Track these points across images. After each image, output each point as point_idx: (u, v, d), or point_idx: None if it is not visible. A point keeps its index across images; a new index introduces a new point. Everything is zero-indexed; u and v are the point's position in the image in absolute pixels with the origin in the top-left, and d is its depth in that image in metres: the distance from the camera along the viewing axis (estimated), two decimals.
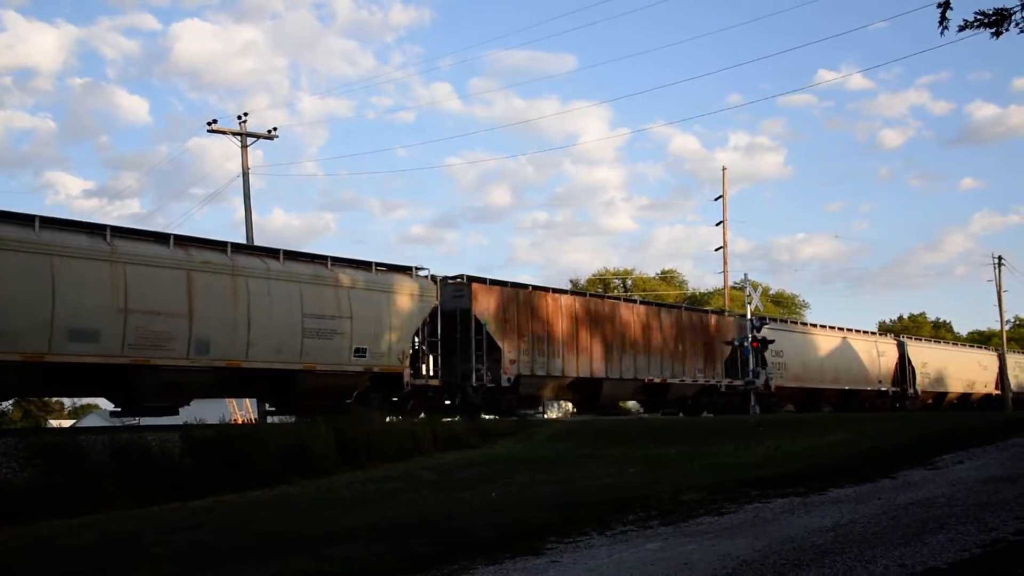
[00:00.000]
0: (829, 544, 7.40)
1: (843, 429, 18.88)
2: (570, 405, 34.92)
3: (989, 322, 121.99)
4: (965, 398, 49.75)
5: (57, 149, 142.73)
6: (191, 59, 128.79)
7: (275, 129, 35.00)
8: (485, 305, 25.25)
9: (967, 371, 50.44)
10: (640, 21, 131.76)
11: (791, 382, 36.87)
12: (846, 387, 40.27)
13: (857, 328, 43.58)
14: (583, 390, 29.00)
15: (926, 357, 46.80)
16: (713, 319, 35.14)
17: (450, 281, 25.61)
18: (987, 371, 52.67)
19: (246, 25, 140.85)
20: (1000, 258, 61.69)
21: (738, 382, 33.63)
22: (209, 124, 33.33)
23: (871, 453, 14.60)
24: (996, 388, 52.81)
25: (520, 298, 26.62)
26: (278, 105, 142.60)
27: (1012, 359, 55.86)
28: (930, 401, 46.23)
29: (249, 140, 34.37)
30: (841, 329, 42.57)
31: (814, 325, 41.87)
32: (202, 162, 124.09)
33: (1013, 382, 54.63)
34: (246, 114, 34.30)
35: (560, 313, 27.64)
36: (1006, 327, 63.88)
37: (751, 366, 32.21)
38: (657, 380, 30.96)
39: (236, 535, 10.83)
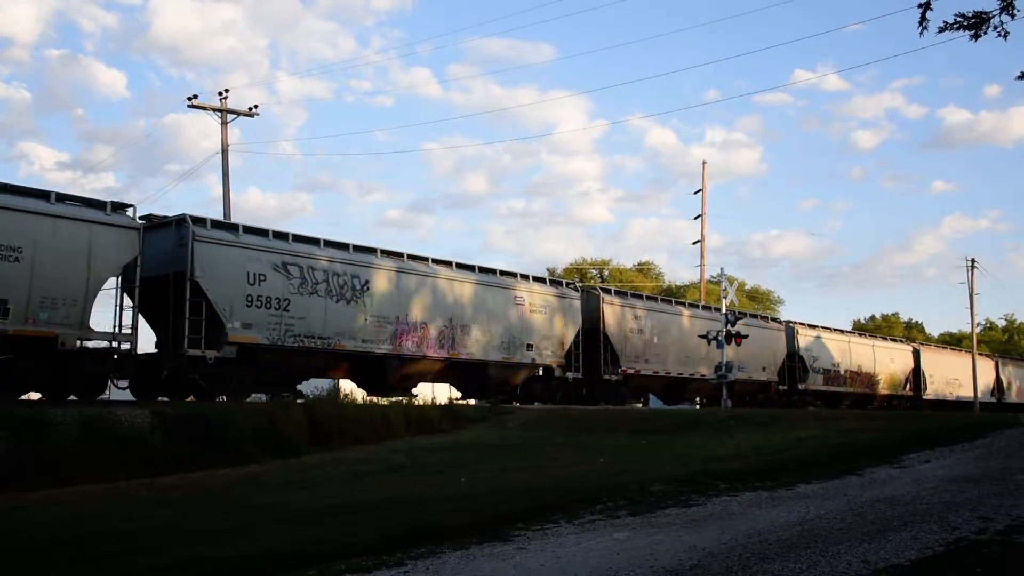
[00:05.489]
0: (795, 539, 7.47)
1: (813, 425, 19.03)
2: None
3: (960, 324, 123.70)
4: (867, 400, 42.93)
5: (32, 120, 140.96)
6: (170, 35, 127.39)
7: (256, 107, 34.84)
8: (207, 255, 20.09)
9: (875, 367, 44.22)
10: (618, 14, 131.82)
11: (655, 368, 32.45)
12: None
13: (740, 311, 36.40)
14: (363, 369, 24.09)
15: (822, 348, 40.81)
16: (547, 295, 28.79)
17: (164, 222, 20.52)
18: (898, 368, 46.22)
19: (226, 3, 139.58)
20: (973, 261, 62.28)
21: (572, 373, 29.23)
22: (189, 99, 33.12)
23: (839, 450, 14.73)
24: (909, 388, 46.75)
25: (265, 249, 21.38)
26: (256, 84, 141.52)
27: (928, 353, 49.97)
28: (819, 403, 38.54)
29: (229, 117, 34.14)
30: (719, 311, 37.19)
31: (692, 304, 37.32)
32: (178, 139, 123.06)
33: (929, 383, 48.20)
34: (227, 90, 34.11)
35: (332, 271, 22.63)
36: (977, 329, 64.51)
37: (722, 359, 32.23)
38: (471, 359, 26.02)
39: (204, 513, 10.79)
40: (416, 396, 24.38)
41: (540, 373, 28.72)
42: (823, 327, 42.67)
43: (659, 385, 33.71)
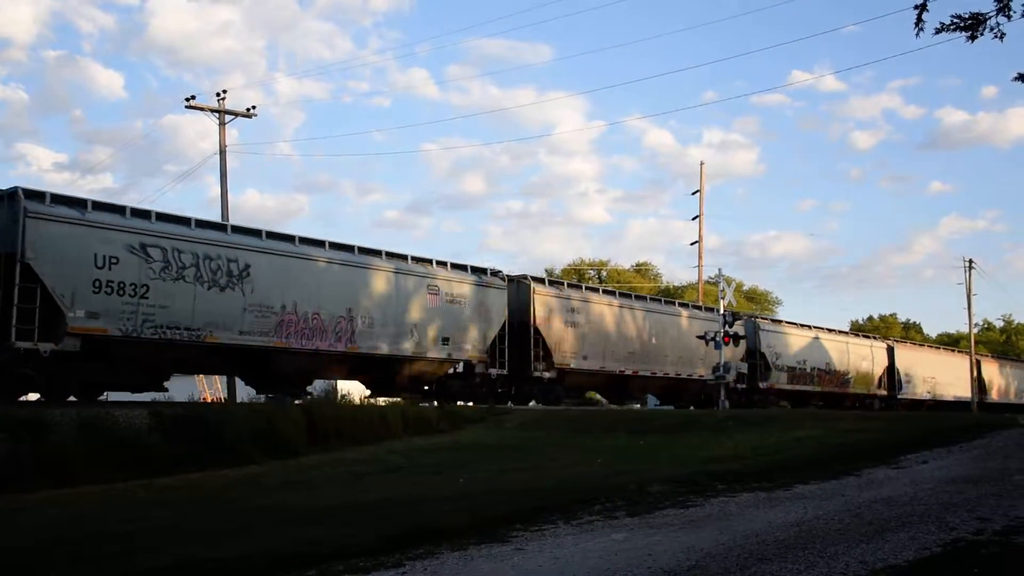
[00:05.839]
0: (792, 539, 7.48)
1: (811, 426, 19.03)
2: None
3: (958, 324, 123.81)
4: (837, 399, 40.65)
5: (29, 121, 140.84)
6: (168, 36, 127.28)
7: (254, 108, 34.82)
8: (43, 235, 17.54)
9: (845, 365, 41.88)
10: (616, 14, 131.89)
11: (595, 364, 29.72)
12: (669, 374, 32.66)
13: (693, 303, 36.13)
14: (245, 364, 21.84)
15: (787, 344, 38.28)
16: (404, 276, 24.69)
17: None
18: (871, 366, 43.68)
19: (223, 4, 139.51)
20: (971, 261, 62.28)
21: (495, 371, 26.68)
22: (187, 100, 33.10)
23: (837, 450, 14.73)
24: (884, 387, 44.41)
25: (119, 228, 18.73)
26: (254, 85, 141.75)
27: (904, 351, 47.77)
28: (783, 404, 37.02)
29: (227, 118, 34.14)
30: (669, 302, 35.36)
31: (639, 297, 34.41)
32: (176, 139, 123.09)
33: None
34: (225, 91, 34.09)
35: (204, 254, 19.96)
36: (974, 330, 64.45)
37: (720, 360, 32.12)
38: (375, 353, 23.32)
39: (203, 513, 10.80)
40: (311, 394, 22.78)
41: (461, 369, 26.34)
42: (788, 322, 41.05)
43: (599, 382, 31.38)
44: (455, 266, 26.29)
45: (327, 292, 22.42)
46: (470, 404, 25.54)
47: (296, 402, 20.21)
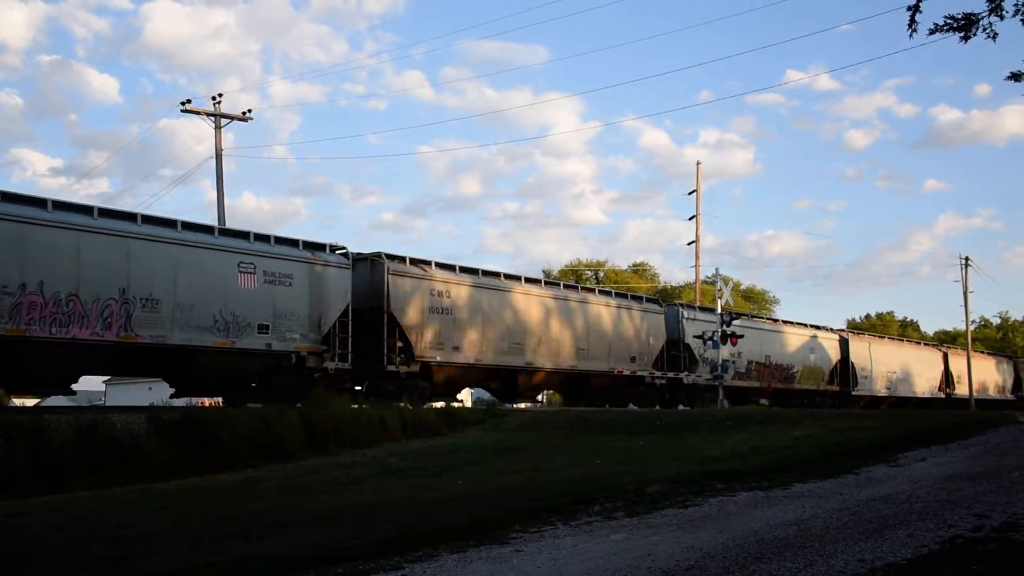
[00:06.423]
0: (791, 538, 7.48)
1: (809, 425, 19.04)
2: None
3: (954, 322, 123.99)
4: (783, 395, 37.70)
5: (24, 126, 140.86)
6: (162, 40, 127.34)
7: (249, 111, 34.82)
8: None
9: (789, 358, 38.47)
10: (611, 15, 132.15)
11: (460, 358, 25.66)
12: (574, 368, 29.04)
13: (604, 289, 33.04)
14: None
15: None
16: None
17: None
18: (820, 359, 40.45)
19: (218, 8, 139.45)
20: (967, 259, 62.34)
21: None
22: (183, 104, 33.08)
23: (835, 449, 14.73)
24: (837, 383, 41.16)
25: None
26: (249, 89, 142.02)
27: (859, 343, 44.28)
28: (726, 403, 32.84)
29: (223, 122, 34.14)
30: (570, 287, 32.31)
31: (529, 280, 29.42)
32: (172, 143, 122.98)
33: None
34: (220, 95, 34.10)
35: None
36: (971, 327, 64.44)
37: (718, 359, 32.18)
38: (162, 343, 19.27)
39: (200, 518, 10.78)
40: (76, 394, 19.41)
41: (293, 361, 21.98)
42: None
43: (478, 378, 27.88)
44: (281, 241, 22.35)
45: (90, 269, 18.22)
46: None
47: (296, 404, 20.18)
